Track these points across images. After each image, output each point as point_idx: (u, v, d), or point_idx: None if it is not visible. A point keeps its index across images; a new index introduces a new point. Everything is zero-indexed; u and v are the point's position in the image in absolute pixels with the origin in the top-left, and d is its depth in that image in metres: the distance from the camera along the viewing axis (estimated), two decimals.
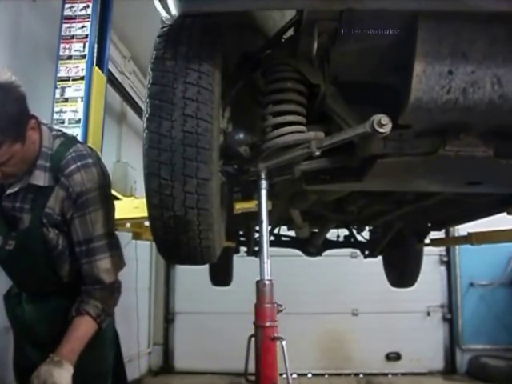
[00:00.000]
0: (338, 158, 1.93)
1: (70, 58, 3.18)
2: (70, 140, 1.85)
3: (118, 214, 2.27)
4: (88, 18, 3.22)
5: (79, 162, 1.75)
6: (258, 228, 3.15)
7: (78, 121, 3.10)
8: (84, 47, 3.18)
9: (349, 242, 4.58)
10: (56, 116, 3.11)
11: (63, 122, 3.10)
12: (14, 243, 1.78)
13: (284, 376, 1.77)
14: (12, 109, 1.61)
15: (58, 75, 3.15)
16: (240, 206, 2.44)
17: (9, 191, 1.78)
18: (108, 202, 1.85)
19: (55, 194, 1.74)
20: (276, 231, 4.60)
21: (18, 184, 1.76)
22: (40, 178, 1.74)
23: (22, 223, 1.78)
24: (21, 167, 1.72)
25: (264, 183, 1.91)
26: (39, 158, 1.74)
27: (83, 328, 1.75)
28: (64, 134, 1.86)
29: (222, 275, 5.26)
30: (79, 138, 3.05)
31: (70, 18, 3.23)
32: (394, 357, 6.97)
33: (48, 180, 1.74)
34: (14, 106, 1.61)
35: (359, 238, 4.57)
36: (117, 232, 1.97)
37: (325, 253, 4.51)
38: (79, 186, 1.73)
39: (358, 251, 4.80)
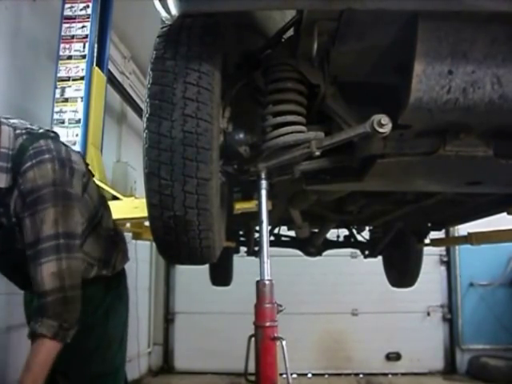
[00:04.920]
0: (338, 158, 1.93)
1: (70, 58, 3.19)
2: (34, 137, 1.70)
3: (118, 214, 2.28)
4: (88, 18, 3.23)
5: (35, 159, 1.62)
6: (258, 228, 3.16)
7: (78, 121, 3.10)
8: (84, 47, 3.19)
9: (349, 242, 4.58)
10: (56, 116, 3.11)
11: (63, 122, 3.11)
12: None
13: (284, 376, 1.76)
14: None
15: (58, 75, 3.16)
16: (240, 206, 2.44)
17: None
18: (67, 200, 1.65)
19: (14, 194, 1.65)
20: (276, 231, 4.61)
21: None
22: (1, 180, 1.64)
23: (3, 225, 1.72)
24: None
25: (264, 183, 1.91)
26: None
27: (43, 352, 1.59)
28: (29, 132, 1.72)
29: (221, 275, 5.27)
30: (79, 138, 3.06)
31: (70, 18, 3.24)
32: (394, 357, 6.97)
33: (9, 181, 1.65)
34: None
35: (359, 237, 4.56)
36: None
37: (325, 253, 4.51)
38: (30, 183, 1.61)
39: (358, 251, 4.80)
